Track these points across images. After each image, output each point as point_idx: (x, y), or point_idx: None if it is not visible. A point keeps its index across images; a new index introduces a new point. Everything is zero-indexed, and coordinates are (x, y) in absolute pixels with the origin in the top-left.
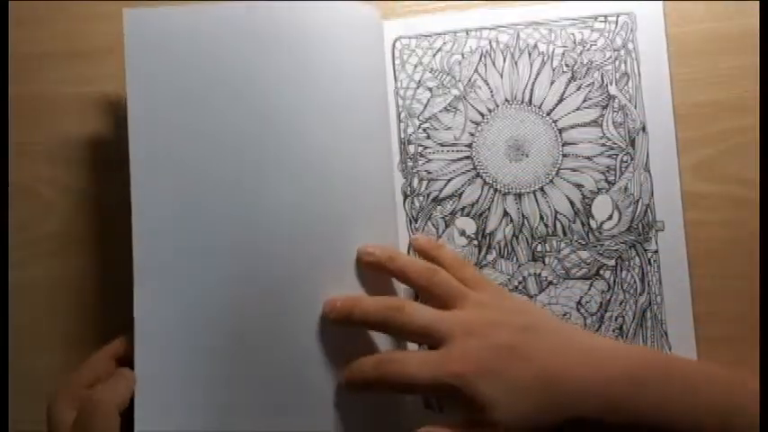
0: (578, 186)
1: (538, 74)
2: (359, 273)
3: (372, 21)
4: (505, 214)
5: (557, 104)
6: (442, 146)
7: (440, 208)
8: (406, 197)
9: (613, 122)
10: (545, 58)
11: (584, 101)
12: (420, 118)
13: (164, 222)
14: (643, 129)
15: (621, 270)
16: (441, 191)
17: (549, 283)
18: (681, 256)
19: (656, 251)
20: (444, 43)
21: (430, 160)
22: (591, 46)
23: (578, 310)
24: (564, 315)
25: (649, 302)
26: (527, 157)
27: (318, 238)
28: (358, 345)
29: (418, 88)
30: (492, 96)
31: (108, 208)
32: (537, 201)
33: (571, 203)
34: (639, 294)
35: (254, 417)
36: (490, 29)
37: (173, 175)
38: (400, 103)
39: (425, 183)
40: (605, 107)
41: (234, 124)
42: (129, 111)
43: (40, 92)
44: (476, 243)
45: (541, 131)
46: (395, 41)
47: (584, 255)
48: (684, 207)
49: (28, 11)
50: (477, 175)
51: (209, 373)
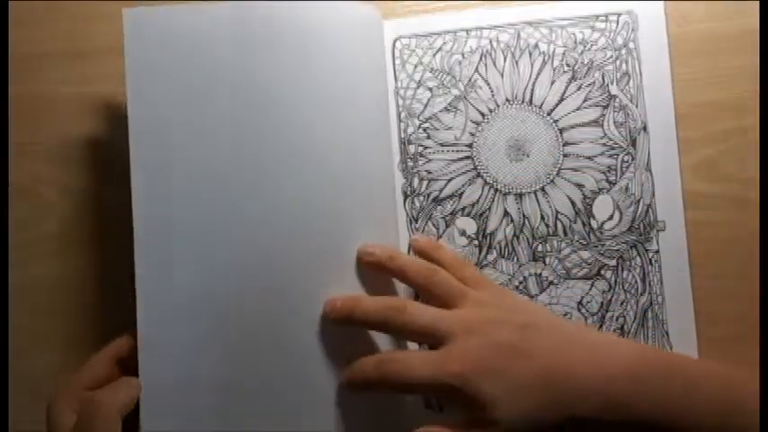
0: (579, 186)
1: (538, 73)
2: (359, 270)
3: (373, 20)
4: (506, 214)
5: (557, 104)
6: (442, 146)
7: (440, 208)
8: (406, 197)
9: (614, 122)
10: (546, 57)
11: (585, 100)
12: (420, 118)
13: (164, 221)
14: (644, 128)
15: (623, 270)
16: (441, 191)
17: (550, 283)
18: (682, 256)
19: (658, 251)
20: (444, 43)
21: (430, 160)
22: (592, 45)
23: (579, 310)
24: (565, 315)
25: (650, 302)
26: (528, 156)
27: (319, 235)
28: (359, 343)
29: (418, 88)
30: (492, 96)
31: (108, 208)
32: (538, 201)
33: (572, 203)
34: (640, 294)
35: (255, 416)
36: (490, 28)
37: (173, 174)
38: (400, 102)
39: (426, 183)
40: (606, 107)
41: (234, 122)
42: (130, 109)
43: (40, 92)
44: (476, 243)
45: (542, 131)
46: (395, 41)
47: (585, 255)
48: (685, 207)
49: (28, 11)
50: (478, 175)
51: (210, 373)
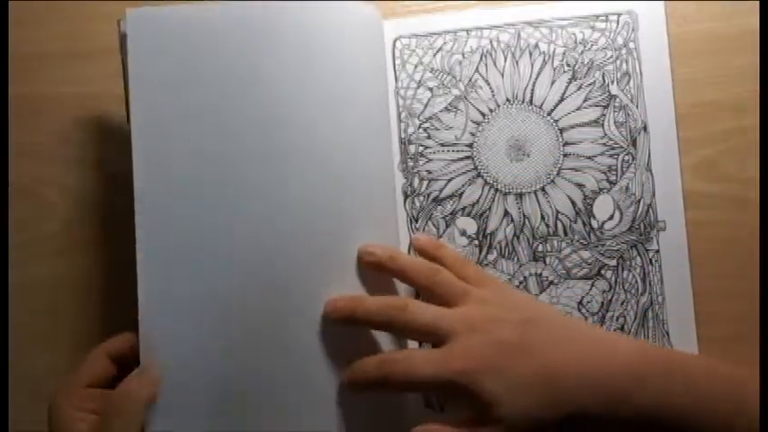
0: (579, 186)
1: (539, 73)
2: (360, 270)
3: (373, 20)
4: (506, 214)
5: (558, 104)
6: (442, 146)
7: (440, 208)
8: (406, 197)
9: (615, 122)
10: (546, 57)
11: (586, 100)
12: (420, 118)
13: (166, 221)
14: (644, 128)
15: (623, 270)
16: (441, 191)
17: (551, 282)
18: (682, 255)
19: (658, 251)
20: (445, 43)
21: (430, 160)
22: (592, 45)
23: (579, 310)
24: (565, 315)
25: (651, 302)
26: (528, 156)
27: (320, 234)
28: (360, 343)
29: (419, 88)
30: (493, 96)
31: (108, 208)
32: (538, 200)
33: (572, 203)
34: (641, 294)
35: (256, 416)
36: (491, 28)
37: (175, 173)
38: (401, 102)
39: (426, 183)
40: (606, 107)
41: (235, 122)
42: (132, 110)
43: (39, 92)
44: (476, 243)
45: (542, 131)
46: (395, 41)
47: (586, 254)
48: (685, 207)
49: (28, 11)
50: (478, 175)
51: (212, 373)
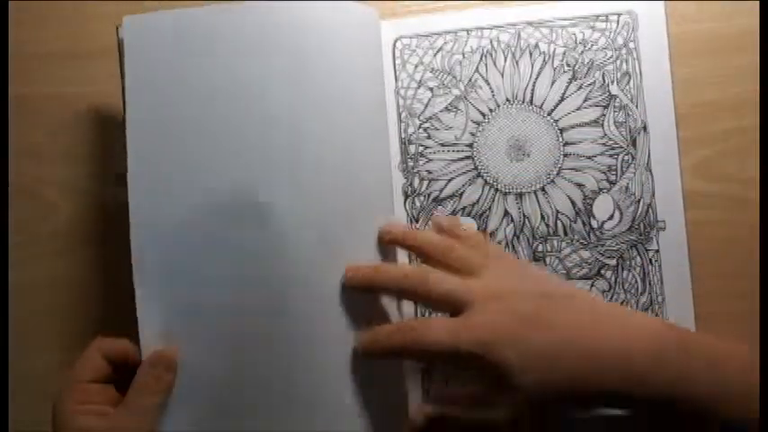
0: (579, 186)
1: (539, 73)
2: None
3: (370, 20)
4: (506, 214)
5: (558, 104)
6: (442, 146)
7: (441, 208)
8: (406, 197)
9: (614, 122)
10: (546, 57)
11: (586, 100)
12: (421, 118)
13: (162, 223)
14: (644, 128)
15: (623, 270)
16: (441, 191)
17: None
18: (682, 255)
19: (658, 251)
20: (445, 43)
21: (431, 160)
22: (592, 45)
23: None
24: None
25: (651, 302)
26: (528, 156)
27: (318, 234)
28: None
29: (419, 88)
30: (493, 96)
31: (108, 208)
32: (538, 200)
33: (572, 203)
34: (641, 294)
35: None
36: (491, 28)
37: (171, 176)
38: (401, 102)
39: (426, 183)
40: (606, 107)
41: (231, 123)
42: (128, 114)
43: (39, 92)
44: None
45: (542, 131)
46: (395, 41)
47: (586, 254)
48: (685, 207)
49: (28, 11)
50: (478, 175)
51: (210, 373)
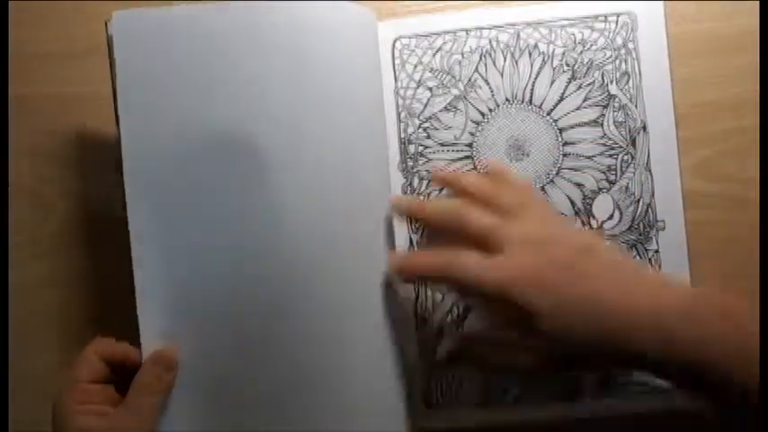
0: (579, 186)
1: (538, 73)
2: (356, 269)
3: (367, 20)
4: None
5: (557, 104)
6: (442, 145)
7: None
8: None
9: (614, 122)
10: (545, 57)
11: (585, 100)
12: (420, 117)
13: (160, 223)
14: (644, 128)
15: None
16: (441, 190)
17: None
18: (682, 255)
19: (657, 251)
20: (444, 43)
21: (430, 160)
22: (591, 45)
23: None
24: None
25: None
26: (528, 156)
27: (315, 233)
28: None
29: (418, 88)
30: (492, 96)
31: (108, 208)
32: None
33: (572, 203)
34: None
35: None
36: (490, 28)
37: (165, 173)
38: (400, 102)
39: (426, 182)
40: (606, 106)
41: (225, 123)
42: (120, 112)
43: (39, 92)
44: None
45: (542, 131)
46: (395, 41)
47: None
48: (685, 206)
49: (28, 11)
50: None
51: (210, 373)
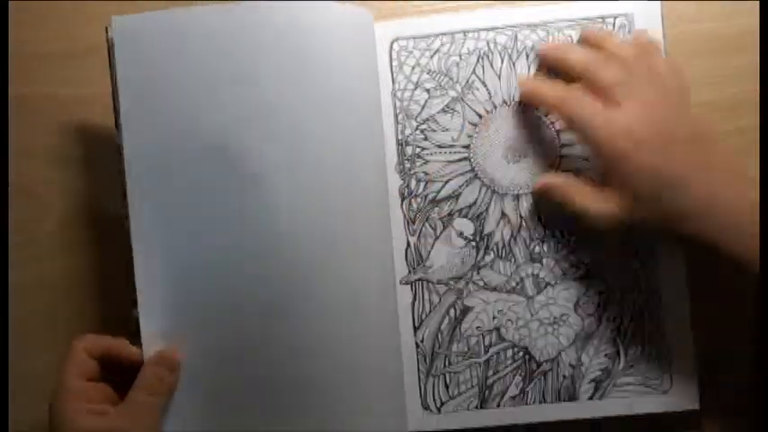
0: None
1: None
2: (354, 269)
3: (365, 22)
4: (503, 215)
5: None
6: (439, 147)
7: (437, 209)
8: (403, 198)
9: None
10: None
11: None
12: (418, 119)
13: (160, 223)
14: None
15: (620, 271)
16: (438, 192)
17: (547, 283)
18: (679, 255)
19: (655, 251)
20: (442, 45)
21: (427, 161)
22: None
23: (576, 310)
24: (562, 315)
25: (647, 302)
26: (525, 158)
27: (314, 233)
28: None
29: (416, 89)
30: (490, 98)
31: (107, 208)
32: (535, 202)
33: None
34: (638, 294)
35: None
36: (488, 30)
37: (166, 175)
38: (398, 104)
39: (423, 184)
40: None
41: (225, 124)
42: (121, 115)
43: (39, 92)
44: (473, 244)
45: (539, 133)
46: (392, 43)
47: (583, 255)
48: None
49: (28, 11)
50: (475, 177)
51: (211, 374)
